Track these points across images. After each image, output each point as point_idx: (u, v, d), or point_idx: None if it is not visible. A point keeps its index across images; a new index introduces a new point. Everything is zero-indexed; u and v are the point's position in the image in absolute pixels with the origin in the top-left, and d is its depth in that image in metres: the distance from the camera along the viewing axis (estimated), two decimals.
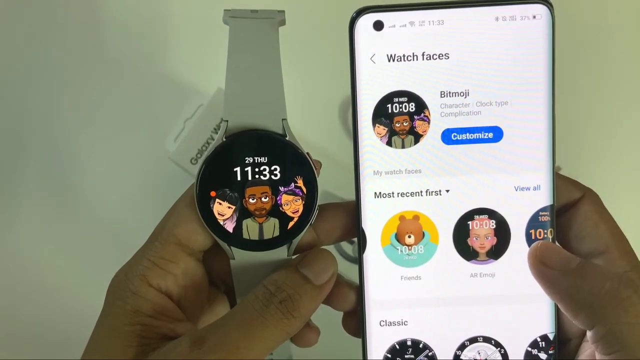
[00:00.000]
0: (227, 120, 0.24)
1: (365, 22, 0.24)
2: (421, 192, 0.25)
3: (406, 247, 0.25)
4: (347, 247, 0.41)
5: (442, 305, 0.26)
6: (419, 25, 0.24)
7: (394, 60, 0.24)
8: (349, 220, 0.26)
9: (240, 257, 0.25)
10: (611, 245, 0.24)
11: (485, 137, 0.25)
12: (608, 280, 0.22)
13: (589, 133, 0.44)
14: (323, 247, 0.26)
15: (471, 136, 0.25)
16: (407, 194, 0.25)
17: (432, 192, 0.25)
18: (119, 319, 0.23)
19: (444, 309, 0.26)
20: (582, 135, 0.44)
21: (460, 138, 0.25)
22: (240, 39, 0.24)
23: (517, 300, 0.25)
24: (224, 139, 0.24)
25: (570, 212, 0.25)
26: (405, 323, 0.26)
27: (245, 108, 0.24)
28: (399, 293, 0.26)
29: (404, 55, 0.24)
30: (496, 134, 0.25)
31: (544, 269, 0.23)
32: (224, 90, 0.24)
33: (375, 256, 0.26)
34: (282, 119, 0.24)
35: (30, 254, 0.44)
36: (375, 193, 0.25)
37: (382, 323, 0.26)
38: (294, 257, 0.25)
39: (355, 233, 0.26)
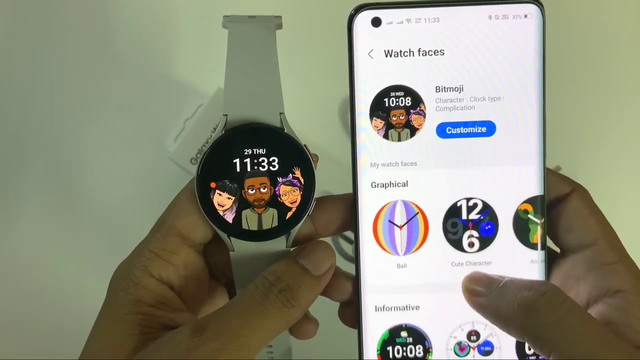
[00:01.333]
0: (227, 115, 0.25)
1: (364, 19, 0.25)
2: (416, 183, 0.26)
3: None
4: (346, 246, 0.42)
5: (433, 292, 0.26)
6: (415, 22, 0.25)
7: (391, 56, 0.25)
8: (347, 212, 0.26)
9: (239, 248, 0.25)
10: (599, 237, 0.25)
11: (479, 131, 0.25)
12: (520, 292, 0.23)
13: (585, 130, 0.45)
14: (321, 239, 0.27)
15: (465, 130, 0.25)
16: (403, 185, 0.26)
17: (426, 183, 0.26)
18: (122, 308, 0.23)
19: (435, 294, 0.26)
20: (577, 132, 0.45)
21: (455, 132, 0.26)
22: (239, 40, 0.25)
23: None
24: (223, 132, 0.25)
25: (560, 206, 0.26)
26: (400, 309, 0.26)
27: (244, 103, 0.25)
28: (394, 279, 0.26)
29: (400, 51, 0.25)
30: (489, 128, 0.25)
31: (474, 298, 0.25)
32: (224, 86, 0.25)
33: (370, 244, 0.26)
34: (280, 113, 0.25)
35: (30, 254, 0.44)
36: (372, 184, 0.26)
37: (378, 309, 0.26)
38: (292, 249, 0.26)
39: (352, 225, 0.26)
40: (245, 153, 0.25)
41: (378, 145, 0.26)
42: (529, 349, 0.26)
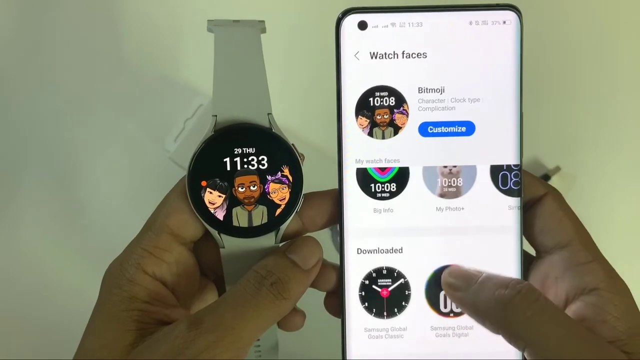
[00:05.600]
0: (216, 115, 0.25)
1: (351, 22, 0.26)
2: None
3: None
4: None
5: (414, 235, 0.27)
6: (399, 26, 0.26)
7: (376, 58, 0.26)
8: (333, 207, 0.27)
9: (230, 245, 0.26)
10: (574, 238, 0.26)
11: (459, 130, 0.27)
12: (497, 289, 0.24)
13: (584, 131, 0.45)
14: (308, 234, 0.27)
15: (446, 129, 0.27)
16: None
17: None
18: (117, 305, 0.24)
19: (416, 238, 0.27)
20: (577, 133, 0.45)
21: (436, 131, 0.27)
22: (226, 43, 0.25)
23: (484, 231, 0.27)
24: (213, 132, 0.25)
25: (535, 208, 0.27)
26: (381, 251, 0.27)
27: (232, 104, 0.25)
28: (374, 224, 0.27)
29: (385, 53, 0.26)
30: (469, 128, 0.27)
31: (452, 292, 0.26)
32: (213, 88, 0.25)
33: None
34: (268, 114, 0.26)
35: (30, 254, 0.44)
36: (357, 180, 0.27)
37: (359, 251, 0.27)
38: (281, 244, 0.26)
39: (337, 220, 0.27)
40: (235, 152, 0.25)
41: (363, 143, 0.27)
42: None
